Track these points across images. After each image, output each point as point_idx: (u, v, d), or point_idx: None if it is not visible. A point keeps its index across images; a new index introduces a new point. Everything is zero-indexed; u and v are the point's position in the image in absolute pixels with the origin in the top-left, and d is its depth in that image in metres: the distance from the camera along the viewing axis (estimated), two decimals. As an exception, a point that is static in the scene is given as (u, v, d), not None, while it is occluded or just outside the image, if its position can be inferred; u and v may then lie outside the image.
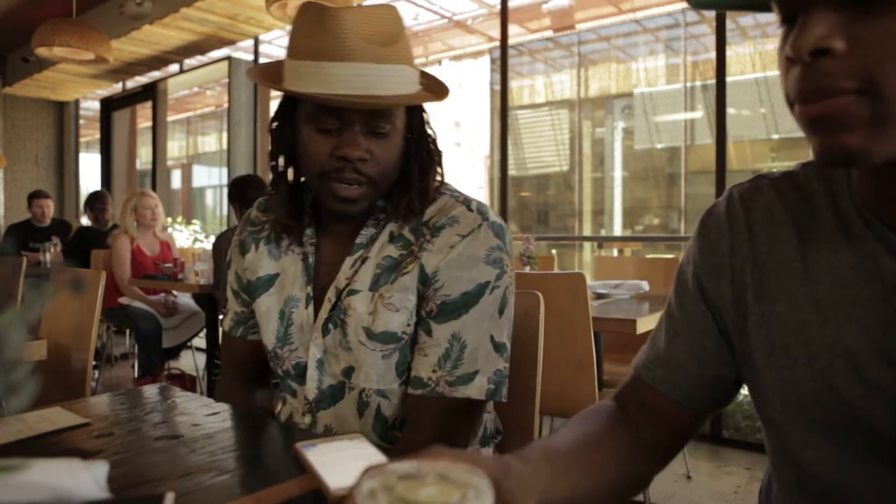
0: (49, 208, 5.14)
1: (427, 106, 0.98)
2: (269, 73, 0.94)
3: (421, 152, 0.96)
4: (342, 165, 0.89)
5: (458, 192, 0.99)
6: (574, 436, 0.67)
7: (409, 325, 0.93)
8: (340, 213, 0.94)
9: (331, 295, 0.96)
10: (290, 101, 0.94)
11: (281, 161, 0.98)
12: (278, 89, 0.90)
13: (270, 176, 0.99)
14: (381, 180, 0.92)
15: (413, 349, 0.95)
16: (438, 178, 0.98)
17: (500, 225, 0.94)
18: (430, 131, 0.98)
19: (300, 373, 0.99)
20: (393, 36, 0.88)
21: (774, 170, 0.69)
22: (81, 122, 7.91)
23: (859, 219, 0.57)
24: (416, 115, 0.96)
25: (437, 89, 0.95)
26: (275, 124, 0.97)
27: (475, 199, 0.97)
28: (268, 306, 1.02)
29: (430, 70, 0.99)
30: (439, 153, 0.98)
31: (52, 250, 4.60)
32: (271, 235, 1.04)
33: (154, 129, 6.53)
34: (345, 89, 0.84)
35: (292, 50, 0.90)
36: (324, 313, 0.96)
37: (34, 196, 5.12)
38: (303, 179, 1.00)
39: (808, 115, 0.50)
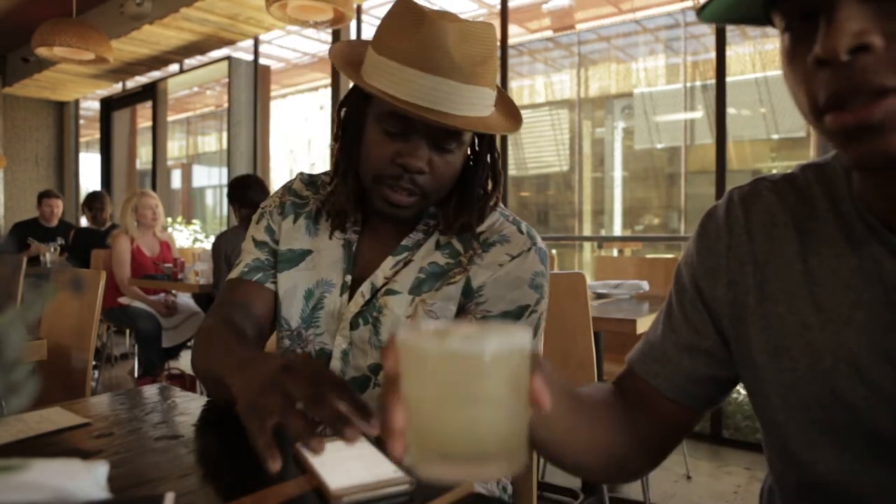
0: (58, 208, 5.15)
1: None
2: (351, 54, 0.92)
3: (485, 174, 0.97)
4: (399, 173, 0.88)
5: (509, 213, 1.00)
6: (584, 393, 0.71)
7: None
8: (386, 215, 0.94)
9: (365, 290, 0.96)
10: (364, 92, 0.91)
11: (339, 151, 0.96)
12: (355, 80, 0.88)
13: (332, 159, 0.98)
14: (434, 193, 0.92)
15: None
16: (493, 200, 0.98)
17: (545, 252, 0.96)
18: (496, 153, 0.98)
19: (324, 360, 0.98)
20: (483, 57, 0.85)
21: (774, 170, 0.69)
22: (81, 122, 7.91)
23: (860, 221, 0.57)
24: (486, 137, 0.96)
25: (510, 113, 0.94)
26: (343, 110, 0.95)
27: (524, 222, 0.99)
28: (294, 283, 1.00)
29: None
30: (501, 174, 0.99)
31: (54, 251, 4.61)
32: (312, 212, 1.03)
33: (154, 129, 6.53)
34: (421, 101, 0.82)
35: (380, 44, 0.86)
36: (354, 307, 0.96)
37: (44, 195, 5.12)
38: None
39: (847, 123, 0.47)
